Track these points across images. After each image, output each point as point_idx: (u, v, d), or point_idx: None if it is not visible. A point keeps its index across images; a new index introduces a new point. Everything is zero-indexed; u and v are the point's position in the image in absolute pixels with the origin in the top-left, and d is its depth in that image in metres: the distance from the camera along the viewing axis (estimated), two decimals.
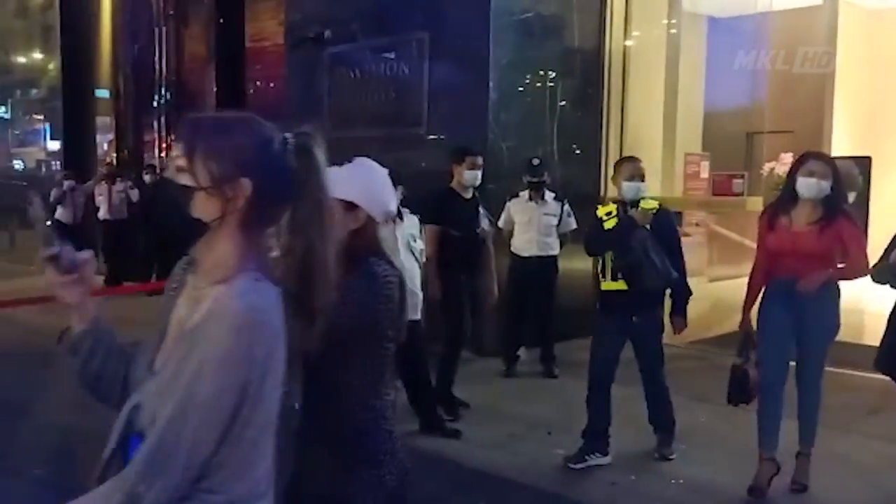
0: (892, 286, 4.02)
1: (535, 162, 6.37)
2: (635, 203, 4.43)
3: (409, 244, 5.00)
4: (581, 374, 6.34)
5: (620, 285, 4.40)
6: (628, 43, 8.21)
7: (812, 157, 4.09)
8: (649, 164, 9.07)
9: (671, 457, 4.60)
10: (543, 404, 5.70)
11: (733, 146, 10.20)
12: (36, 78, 13.42)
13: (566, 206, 6.46)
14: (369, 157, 5.84)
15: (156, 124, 11.59)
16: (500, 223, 6.48)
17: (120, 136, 12.23)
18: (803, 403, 4.11)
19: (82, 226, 10.77)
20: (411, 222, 5.10)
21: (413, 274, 5.04)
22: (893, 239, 4.03)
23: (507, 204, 6.49)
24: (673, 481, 4.32)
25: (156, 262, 10.15)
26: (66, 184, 10.81)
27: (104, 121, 12.62)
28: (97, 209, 10.50)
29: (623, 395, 4.69)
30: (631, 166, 4.59)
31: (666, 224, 4.49)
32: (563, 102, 7.67)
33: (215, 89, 10.48)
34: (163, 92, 11.39)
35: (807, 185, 3.97)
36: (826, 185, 3.95)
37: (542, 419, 5.30)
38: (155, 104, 11.56)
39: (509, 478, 4.28)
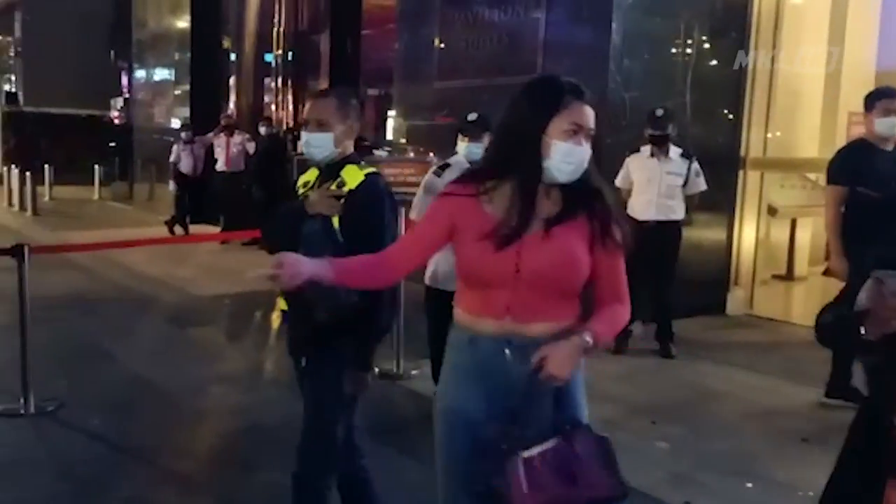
0: (854, 350, 2.22)
1: (659, 113, 5.59)
2: (332, 171, 2.60)
3: None
4: (703, 356, 5.69)
5: (284, 305, 2.69)
6: None
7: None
8: (807, 123, 8.17)
9: None
10: (652, 388, 4.98)
11: None
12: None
13: (694, 165, 5.64)
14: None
15: (274, 83, 11.57)
16: (618, 181, 5.77)
17: (241, 91, 12.32)
18: None
19: (202, 177, 10.86)
20: None
21: None
22: (853, 277, 2.12)
23: (626, 160, 5.76)
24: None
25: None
26: (184, 135, 10.92)
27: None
28: (216, 161, 10.53)
29: None
30: (309, 105, 2.71)
31: (366, 211, 2.50)
32: (700, 49, 6.75)
33: (330, 46, 10.22)
34: (281, 48, 11.32)
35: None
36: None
37: (648, 405, 4.59)
38: (273, 61, 11.53)
39: None
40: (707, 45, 6.82)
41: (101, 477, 3.58)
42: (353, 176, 2.58)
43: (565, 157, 1.88)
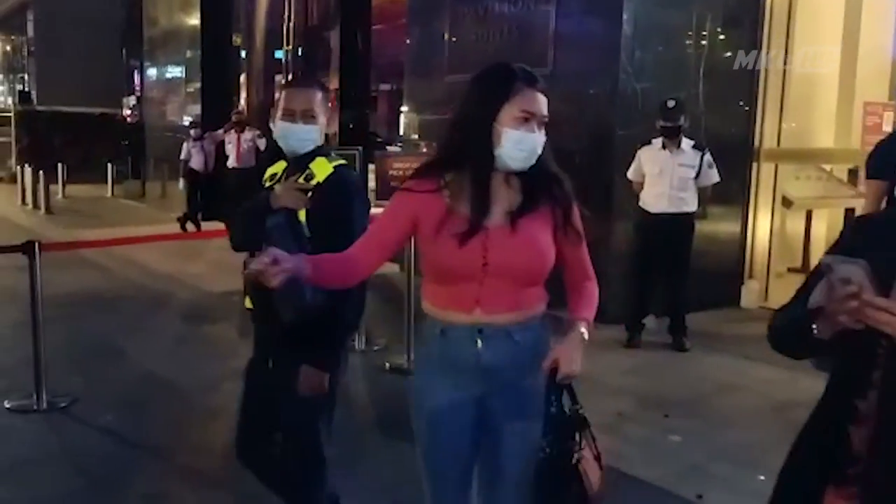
0: (807, 352, 1.69)
1: (670, 104, 5.54)
2: (301, 163, 2.48)
3: None
4: (717, 349, 5.64)
5: (250, 304, 2.63)
6: None
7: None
8: (822, 113, 8.08)
9: None
10: (665, 381, 4.95)
11: None
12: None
13: (707, 157, 5.60)
14: None
15: (284, 79, 11.60)
16: (630, 174, 5.75)
17: (251, 87, 12.35)
18: None
19: (213, 173, 10.88)
20: None
21: None
22: (811, 277, 1.61)
23: (638, 152, 5.72)
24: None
25: None
26: (193, 132, 10.93)
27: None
28: (227, 157, 10.54)
29: None
30: (292, 95, 2.51)
31: (334, 204, 2.39)
32: (713, 39, 6.69)
33: (340, 41, 10.21)
34: (291, 44, 11.34)
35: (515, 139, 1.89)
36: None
37: (661, 398, 4.56)
38: (283, 57, 11.56)
39: (609, 464, 3.60)
40: (720, 36, 6.75)
41: (114, 473, 3.59)
42: (321, 168, 2.46)
43: (517, 144, 1.86)
